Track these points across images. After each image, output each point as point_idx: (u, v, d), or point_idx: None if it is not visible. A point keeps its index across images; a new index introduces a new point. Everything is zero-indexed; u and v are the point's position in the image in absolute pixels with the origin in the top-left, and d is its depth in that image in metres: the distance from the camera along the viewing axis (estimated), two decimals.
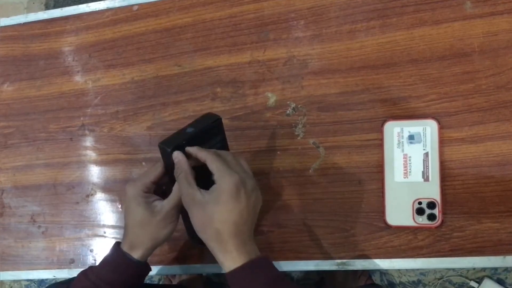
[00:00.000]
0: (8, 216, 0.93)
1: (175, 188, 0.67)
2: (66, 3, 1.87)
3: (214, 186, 0.62)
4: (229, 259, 0.62)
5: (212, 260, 0.81)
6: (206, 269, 0.83)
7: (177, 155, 0.65)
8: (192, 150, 0.65)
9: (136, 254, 0.68)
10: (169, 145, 0.65)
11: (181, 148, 0.65)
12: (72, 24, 0.94)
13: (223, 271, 0.64)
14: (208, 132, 0.68)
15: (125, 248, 0.69)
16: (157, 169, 0.69)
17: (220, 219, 0.61)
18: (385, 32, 0.79)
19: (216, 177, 0.62)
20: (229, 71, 0.85)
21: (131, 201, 0.68)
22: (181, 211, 0.69)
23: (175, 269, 0.84)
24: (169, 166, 0.66)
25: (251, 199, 0.62)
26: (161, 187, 0.71)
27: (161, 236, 0.68)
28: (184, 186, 0.63)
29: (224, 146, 0.71)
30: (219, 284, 1.54)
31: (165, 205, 0.67)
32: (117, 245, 0.71)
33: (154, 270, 0.85)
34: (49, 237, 0.91)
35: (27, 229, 0.92)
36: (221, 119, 0.68)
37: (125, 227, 0.70)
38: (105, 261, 0.71)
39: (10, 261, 0.92)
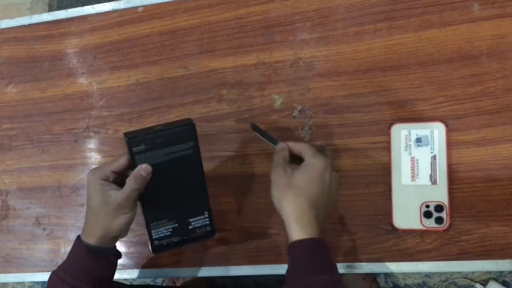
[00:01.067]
0: (13, 218, 0.93)
1: (129, 179, 0.66)
2: (69, 4, 1.87)
3: (304, 163, 0.69)
4: (300, 226, 0.64)
5: (216, 263, 0.82)
6: (210, 272, 0.83)
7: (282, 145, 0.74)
8: (289, 143, 0.74)
9: (92, 240, 0.68)
10: (131, 135, 0.66)
11: (143, 142, 0.66)
12: (77, 26, 0.94)
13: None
14: (177, 135, 0.67)
15: (84, 236, 0.69)
16: (120, 159, 0.68)
17: (305, 187, 0.66)
18: (393, 34, 0.79)
19: (308, 156, 0.69)
20: (235, 73, 0.85)
21: (89, 187, 0.68)
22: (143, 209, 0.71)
23: (179, 271, 0.84)
24: (131, 157, 0.66)
25: (332, 183, 0.69)
26: (124, 178, 0.69)
27: (113, 226, 0.68)
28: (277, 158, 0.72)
29: (195, 154, 0.69)
30: (223, 286, 1.54)
31: (118, 195, 0.66)
32: (78, 236, 0.71)
33: (158, 272, 0.85)
34: (54, 239, 0.90)
35: (32, 231, 0.92)
36: (194, 125, 0.67)
37: (86, 214, 0.70)
38: (69, 255, 0.71)
39: (14, 263, 0.92)
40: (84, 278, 0.68)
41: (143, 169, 0.66)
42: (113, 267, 0.73)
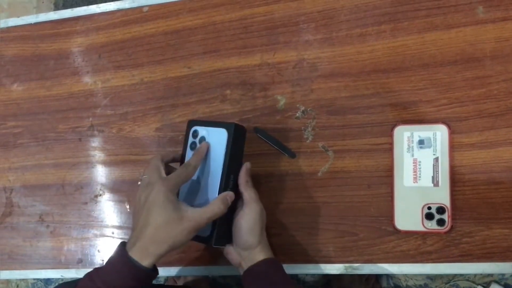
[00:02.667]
0: (16, 215, 0.93)
1: (216, 204, 0.67)
2: (75, 2, 1.87)
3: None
4: (265, 253, 0.72)
5: (218, 262, 0.82)
6: (212, 271, 0.83)
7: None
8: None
9: (146, 260, 0.63)
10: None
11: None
12: (83, 25, 0.95)
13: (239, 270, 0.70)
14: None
15: (133, 250, 0.63)
16: (189, 172, 0.68)
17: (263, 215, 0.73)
18: (396, 36, 0.79)
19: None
20: (238, 73, 0.85)
21: (160, 199, 0.63)
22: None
23: (181, 270, 0.85)
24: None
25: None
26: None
27: (179, 243, 0.64)
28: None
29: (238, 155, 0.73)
30: (225, 285, 1.54)
31: (201, 214, 0.65)
32: (123, 247, 0.65)
33: (160, 271, 0.85)
34: (57, 236, 0.91)
35: (35, 228, 0.92)
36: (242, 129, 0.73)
37: (141, 227, 0.64)
38: (112, 266, 0.65)
39: (18, 260, 0.92)
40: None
41: (227, 199, 0.69)
42: (149, 284, 0.68)
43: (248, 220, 0.71)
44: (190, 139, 0.74)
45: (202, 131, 0.73)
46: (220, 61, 0.86)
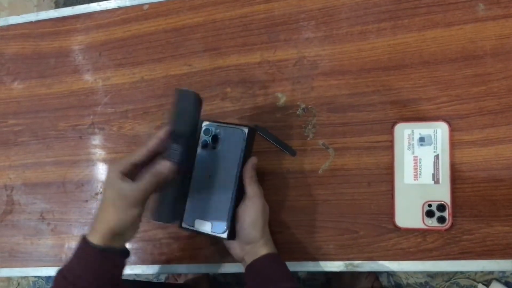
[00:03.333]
0: (17, 213, 0.93)
1: (147, 175, 0.65)
2: (76, 1, 1.87)
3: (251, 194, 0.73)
4: (266, 249, 0.72)
5: (217, 260, 0.82)
6: (212, 269, 0.83)
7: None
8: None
9: (96, 239, 0.64)
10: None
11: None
12: (83, 23, 0.95)
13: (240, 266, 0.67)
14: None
15: (89, 235, 0.65)
16: (141, 150, 0.67)
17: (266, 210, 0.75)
18: (397, 33, 0.79)
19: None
20: (239, 71, 0.85)
21: (109, 178, 0.65)
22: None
23: (182, 268, 0.85)
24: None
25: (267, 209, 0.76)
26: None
27: (119, 222, 0.65)
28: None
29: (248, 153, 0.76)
30: (225, 284, 1.54)
31: (132, 188, 0.64)
32: (82, 236, 0.67)
33: (160, 268, 0.85)
34: (58, 234, 0.91)
35: (36, 226, 0.92)
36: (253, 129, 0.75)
37: (98, 209, 0.68)
38: (74, 255, 0.67)
39: (19, 258, 0.92)
40: (89, 278, 0.64)
41: (163, 166, 0.65)
42: (120, 268, 0.69)
43: (251, 214, 0.71)
44: (202, 137, 0.76)
45: (216, 129, 0.75)
46: (220, 59, 0.86)
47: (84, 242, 0.65)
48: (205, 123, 0.77)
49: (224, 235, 0.73)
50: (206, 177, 0.75)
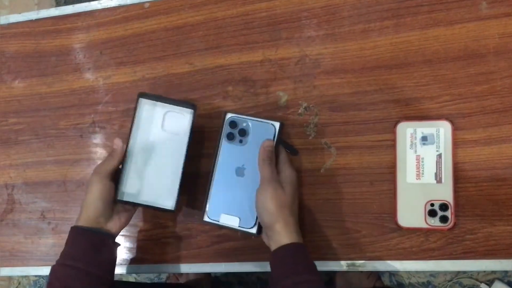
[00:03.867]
0: (18, 212, 0.93)
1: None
2: None
3: (286, 175, 0.73)
4: (289, 238, 0.68)
5: (219, 260, 0.82)
6: (214, 268, 0.83)
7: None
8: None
9: (92, 223, 0.74)
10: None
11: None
12: (84, 21, 0.94)
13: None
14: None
15: (80, 222, 0.74)
16: (116, 158, 0.77)
17: (292, 203, 0.72)
18: (399, 32, 0.78)
19: (285, 165, 0.74)
20: (240, 70, 0.85)
21: (95, 176, 0.74)
22: None
23: (183, 267, 0.84)
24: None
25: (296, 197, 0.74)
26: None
27: (104, 194, 0.74)
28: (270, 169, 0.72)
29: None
30: (227, 283, 1.54)
31: (102, 165, 0.76)
32: (72, 226, 0.74)
33: (162, 268, 0.85)
34: (59, 233, 0.91)
35: (37, 225, 0.92)
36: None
37: (84, 201, 0.75)
38: (67, 243, 0.74)
39: (19, 257, 0.92)
40: (87, 259, 0.71)
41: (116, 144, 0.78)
42: (111, 251, 0.75)
43: (261, 200, 0.70)
44: (227, 129, 0.76)
45: (243, 123, 0.76)
46: (222, 58, 0.86)
47: (76, 228, 0.73)
48: (230, 115, 0.77)
49: (253, 230, 0.74)
50: (233, 171, 0.76)
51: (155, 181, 0.78)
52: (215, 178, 0.76)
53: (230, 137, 0.76)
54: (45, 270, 0.91)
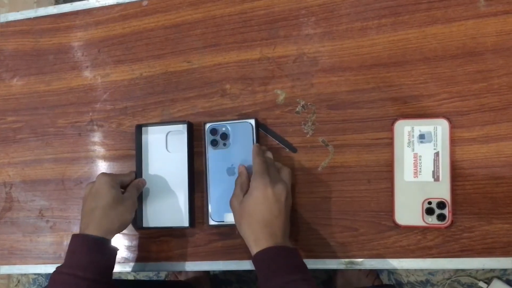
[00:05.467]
0: (16, 210, 0.93)
1: (135, 187, 0.82)
2: None
3: (249, 186, 0.72)
4: (259, 245, 0.68)
5: (218, 258, 0.82)
6: (213, 266, 0.83)
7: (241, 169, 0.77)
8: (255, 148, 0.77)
9: (102, 234, 0.73)
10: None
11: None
12: (82, 19, 0.94)
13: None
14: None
15: (88, 230, 0.73)
16: (131, 175, 0.84)
17: (253, 211, 0.69)
18: (397, 30, 0.78)
19: (252, 179, 0.72)
20: (238, 68, 0.85)
21: (104, 185, 0.76)
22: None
23: (182, 265, 0.84)
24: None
25: (281, 200, 0.70)
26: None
27: (127, 220, 0.78)
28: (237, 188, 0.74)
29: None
30: (226, 281, 1.54)
31: (131, 190, 0.80)
32: (77, 234, 0.74)
33: (161, 266, 0.85)
34: (57, 231, 0.91)
35: (35, 223, 0.92)
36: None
37: (90, 211, 0.75)
38: (71, 251, 0.73)
39: (18, 255, 0.92)
40: (92, 269, 0.71)
41: (141, 182, 0.84)
42: (115, 258, 0.77)
43: (236, 212, 0.74)
44: (210, 137, 0.82)
45: (222, 128, 0.81)
46: (220, 56, 0.86)
47: (82, 236, 0.73)
48: (208, 124, 0.82)
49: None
50: (224, 172, 0.81)
51: (170, 202, 0.85)
52: (210, 184, 0.81)
53: (214, 143, 0.81)
54: (44, 268, 0.91)
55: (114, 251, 0.77)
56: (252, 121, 0.80)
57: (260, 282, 0.67)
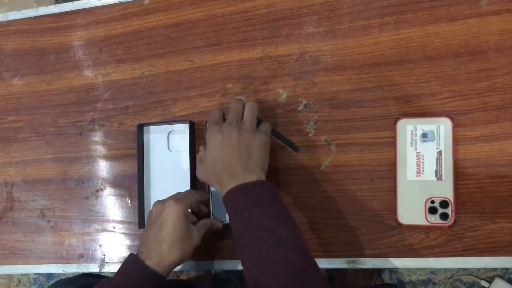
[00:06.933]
0: (18, 210, 0.93)
1: (205, 226, 0.77)
2: None
3: None
4: (224, 190, 0.69)
5: (220, 257, 0.82)
6: (214, 266, 0.83)
7: None
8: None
9: (164, 271, 0.71)
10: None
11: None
12: (83, 18, 0.94)
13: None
14: None
15: (152, 263, 0.70)
16: (203, 194, 0.80)
17: (210, 163, 0.72)
18: (399, 28, 0.78)
19: None
20: (240, 67, 0.84)
21: (178, 217, 0.72)
22: None
23: (184, 265, 0.84)
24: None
25: (232, 139, 0.70)
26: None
27: (188, 256, 0.74)
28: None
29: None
30: (228, 280, 1.54)
31: (201, 228, 0.76)
32: (138, 259, 0.71)
33: None
34: (59, 231, 0.91)
35: (36, 223, 0.92)
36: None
37: (155, 241, 0.72)
38: (127, 274, 0.71)
39: (19, 255, 0.92)
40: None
41: (217, 224, 0.80)
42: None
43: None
44: None
45: None
46: (221, 55, 0.86)
47: (141, 265, 0.70)
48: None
49: None
50: None
51: None
52: (211, 190, 0.82)
53: None
54: (45, 268, 0.91)
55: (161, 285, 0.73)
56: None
57: (230, 223, 0.69)
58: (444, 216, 0.72)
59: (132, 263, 0.72)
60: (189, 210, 0.78)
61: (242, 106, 0.74)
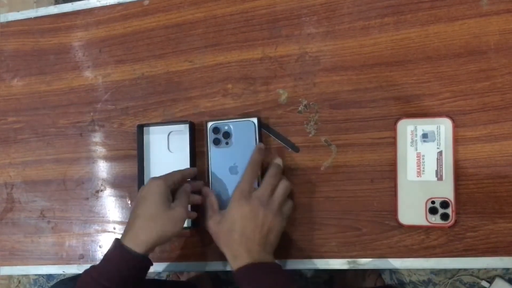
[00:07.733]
0: (17, 211, 0.93)
1: (184, 193, 0.76)
2: None
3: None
4: (237, 263, 0.69)
5: (219, 258, 0.81)
6: (214, 266, 0.83)
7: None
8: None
9: (138, 247, 0.69)
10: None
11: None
12: (83, 19, 0.94)
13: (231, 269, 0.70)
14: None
15: (127, 242, 0.69)
16: (190, 172, 0.80)
17: (228, 229, 0.71)
18: (399, 28, 0.78)
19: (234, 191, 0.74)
20: (240, 67, 0.84)
21: (155, 192, 0.72)
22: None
23: (183, 266, 0.84)
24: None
25: (258, 216, 0.71)
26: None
27: (168, 233, 0.71)
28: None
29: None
30: (227, 281, 1.54)
31: (178, 204, 0.73)
32: (118, 241, 0.71)
33: (162, 266, 0.85)
34: (59, 232, 0.91)
35: (36, 224, 0.92)
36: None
37: (133, 219, 0.71)
38: (107, 258, 0.71)
39: (19, 256, 0.92)
40: (121, 283, 0.69)
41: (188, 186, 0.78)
42: (144, 272, 0.74)
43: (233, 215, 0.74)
44: (212, 136, 0.81)
45: (224, 126, 0.81)
46: (221, 55, 0.86)
47: (122, 248, 0.69)
48: (211, 123, 0.81)
49: None
50: (227, 171, 0.80)
51: None
52: (212, 183, 0.81)
53: (216, 142, 0.81)
54: (45, 269, 0.91)
55: (142, 268, 0.72)
56: (255, 120, 0.80)
57: None
58: (444, 217, 0.72)
59: (113, 246, 0.71)
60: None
61: (279, 179, 0.75)
